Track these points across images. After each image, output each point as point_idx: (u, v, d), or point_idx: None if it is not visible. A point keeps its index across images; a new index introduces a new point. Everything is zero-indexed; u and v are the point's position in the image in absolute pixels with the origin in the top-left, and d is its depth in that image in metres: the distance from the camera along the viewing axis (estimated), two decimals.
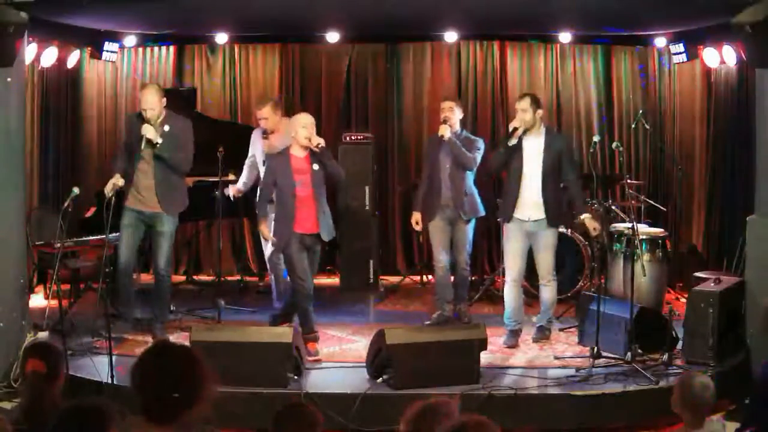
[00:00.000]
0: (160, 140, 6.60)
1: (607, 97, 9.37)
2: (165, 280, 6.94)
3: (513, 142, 6.64)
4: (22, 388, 3.64)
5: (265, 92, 9.21)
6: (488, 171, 7.14)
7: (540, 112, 6.69)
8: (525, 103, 6.66)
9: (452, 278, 7.38)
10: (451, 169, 7.11)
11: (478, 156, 7.14)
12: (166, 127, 6.68)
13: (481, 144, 7.21)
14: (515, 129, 6.62)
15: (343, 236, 8.38)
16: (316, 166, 6.39)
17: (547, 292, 6.84)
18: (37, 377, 3.51)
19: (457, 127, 7.18)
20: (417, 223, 7.34)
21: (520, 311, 6.86)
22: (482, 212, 7.31)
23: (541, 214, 6.67)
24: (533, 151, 6.66)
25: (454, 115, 7.12)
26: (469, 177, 7.19)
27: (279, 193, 6.44)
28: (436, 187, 7.16)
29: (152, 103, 6.63)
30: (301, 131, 6.36)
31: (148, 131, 6.56)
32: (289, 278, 6.65)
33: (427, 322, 7.21)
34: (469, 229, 7.25)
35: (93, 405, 2.97)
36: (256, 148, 7.34)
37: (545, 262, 6.77)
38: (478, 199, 7.26)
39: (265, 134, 6.81)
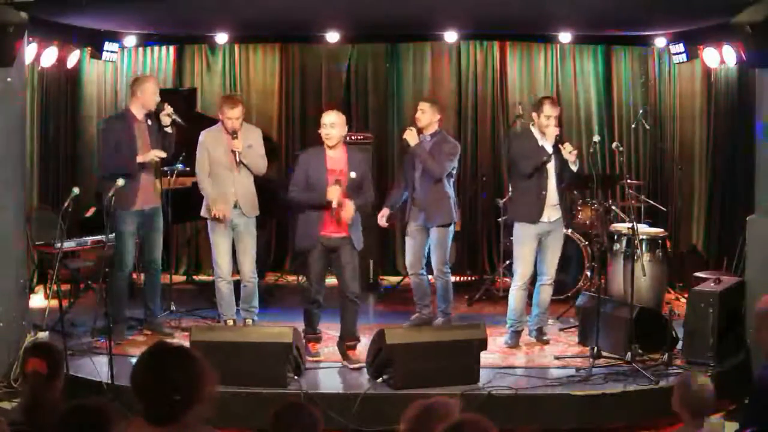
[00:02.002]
0: (169, 130, 6.70)
1: (607, 97, 9.37)
2: (159, 275, 7.04)
3: (550, 149, 6.60)
4: (23, 388, 3.63)
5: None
6: (529, 174, 6.67)
7: None
8: (558, 109, 6.66)
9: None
10: (421, 173, 7.01)
11: (448, 162, 6.95)
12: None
13: (453, 149, 7.01)
14: (557, 136, 6.56)
15: None
16: (353, 174, 6.23)
17: (546, 291, 6.83)
18: (38, 377, 3.51)
19: (435, 127, 7.05)
20: (383, 216, 7.30)
21: (523, 312, 6.87)
22: (450, 219, 7.02)
23: (557, 214, 6.69)
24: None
25: (424, 116, 7.01)
26: (443, 182, 6.99)
27: (312, 191, 6.25)
28: (410, 190, 7.11)
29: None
30: (323, 130, 6.24)
31: (168, 119, 6.69)
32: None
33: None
34: (443, 234, 7.03)
35: (93, 405, 2.97)
36: (218, 150, 6.78)
37: (554, 259, 6.77)
38: (451, 206, 7.02)
39: (235, 134, 6.72)
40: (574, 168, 6.60)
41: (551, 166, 6.65)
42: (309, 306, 6.43)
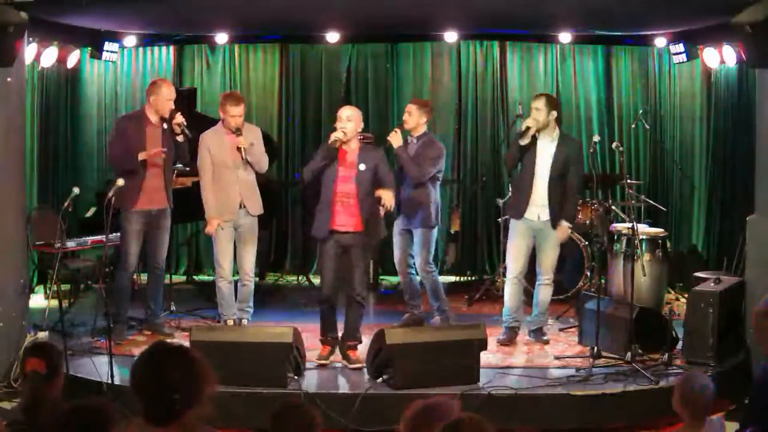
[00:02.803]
0: (180, 139, 6.74)
1: (607, 97, 9.37)
2: (164, 275, 7.09)
3: (525, 141, 6.61)
4: (22, 388, 3.62)
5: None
6: (507, 168, 7.03)
7: (554, 113, 6.66)
8: (540, 103, 6.63)
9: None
10: (407, 176, 7.00)
11: (431, 167, 6.92)
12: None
13: (437, 153, 6.99)
14: (527, 128, 6.58)
15: None
16: (362, 166, 6.23)
17: (544, 291, 6.83)
18: (37, 377, 3.51)
19: (424, 129, 7.04)
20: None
21: (519, 309, 6.87)
22: (430, 223, 6.99)
23: (548, 215, 6.67)
24: (545, 153, 6.65)
25: (410, 118, 6.99)
26: (425, 185, 6.96)
27: (323, 183, 6.25)
28: (398, 191, 7.04)
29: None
30: (338, 125, 6.22)
31: (181, 126, 6.71)
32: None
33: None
34: (426, 235, 7.02)
35: (93, 405, 2.97)
36: (221, 149, 6.78)
37: (549, 259, 6.77)
38: (431, 210, 6.98)
39: (239, 132, 6.72)
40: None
41: (541, 166, 6.66)
42: (320, 306, 6.41)
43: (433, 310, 7.23)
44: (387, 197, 6.19)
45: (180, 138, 6.76)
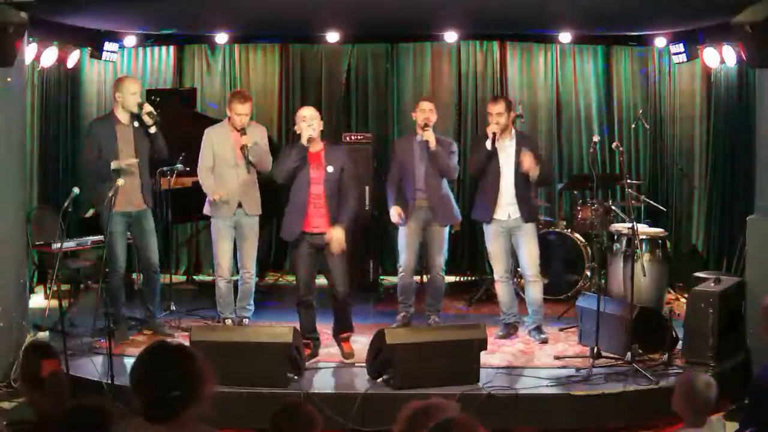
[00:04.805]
0: (153, 130, 6.69)
1: (607, 97, 9.37)
2: (158, 276, 7.04)
3: (492, 146, 6.65)
4: (37, 395, 3.54)
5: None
6: (472, 174, 7.09)
7: (513, 114, 6.75)
8: (501, 107, 6.69)
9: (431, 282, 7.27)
10: (426, 173, 6.94)
11: (455, 161, 7.01)
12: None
13: (455, 147, 7.08)
14: (494, 134, 6.62)
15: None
16: (330, 168, 6.23)
17: (533, 289, 6.87)
18: (59, 378, 3.49)
19: None
20: (400, 215, 7.04)
21: (513, 304, 6.95)
22: (458, 218, 7.15)
23: (519, 212, 6.73)
24: (506, 153, 6.73)
25: (433, 115, 6.92)
26: (445, 181, 7.02)
27: (294, 185, 6.28)
28: (410, 189, 7.01)
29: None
30: (301, 125, 6.20)
31: (149, 119, 6.62)
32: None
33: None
34: (445, 233, 7.07)
35: (93, 405, 2.97)
36: (224, 146, 6.84)
37: (529, 256, 6.82)
38: (454, 204, 7.09)
39: (243, 131, 6.72)
40: (533, 174, 6.62)
41: (505, 166, 6.70)
42: (297, 306, 6.44)
43: (427, 310, 7.21)
44: (336, 242, 6.12)
45: (153, 129, 6.68)
